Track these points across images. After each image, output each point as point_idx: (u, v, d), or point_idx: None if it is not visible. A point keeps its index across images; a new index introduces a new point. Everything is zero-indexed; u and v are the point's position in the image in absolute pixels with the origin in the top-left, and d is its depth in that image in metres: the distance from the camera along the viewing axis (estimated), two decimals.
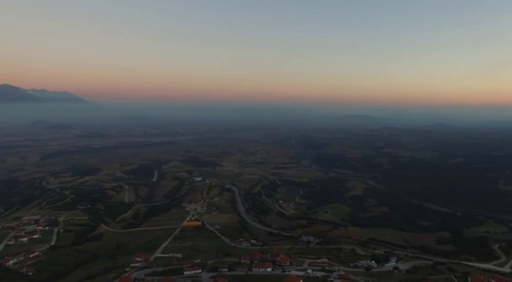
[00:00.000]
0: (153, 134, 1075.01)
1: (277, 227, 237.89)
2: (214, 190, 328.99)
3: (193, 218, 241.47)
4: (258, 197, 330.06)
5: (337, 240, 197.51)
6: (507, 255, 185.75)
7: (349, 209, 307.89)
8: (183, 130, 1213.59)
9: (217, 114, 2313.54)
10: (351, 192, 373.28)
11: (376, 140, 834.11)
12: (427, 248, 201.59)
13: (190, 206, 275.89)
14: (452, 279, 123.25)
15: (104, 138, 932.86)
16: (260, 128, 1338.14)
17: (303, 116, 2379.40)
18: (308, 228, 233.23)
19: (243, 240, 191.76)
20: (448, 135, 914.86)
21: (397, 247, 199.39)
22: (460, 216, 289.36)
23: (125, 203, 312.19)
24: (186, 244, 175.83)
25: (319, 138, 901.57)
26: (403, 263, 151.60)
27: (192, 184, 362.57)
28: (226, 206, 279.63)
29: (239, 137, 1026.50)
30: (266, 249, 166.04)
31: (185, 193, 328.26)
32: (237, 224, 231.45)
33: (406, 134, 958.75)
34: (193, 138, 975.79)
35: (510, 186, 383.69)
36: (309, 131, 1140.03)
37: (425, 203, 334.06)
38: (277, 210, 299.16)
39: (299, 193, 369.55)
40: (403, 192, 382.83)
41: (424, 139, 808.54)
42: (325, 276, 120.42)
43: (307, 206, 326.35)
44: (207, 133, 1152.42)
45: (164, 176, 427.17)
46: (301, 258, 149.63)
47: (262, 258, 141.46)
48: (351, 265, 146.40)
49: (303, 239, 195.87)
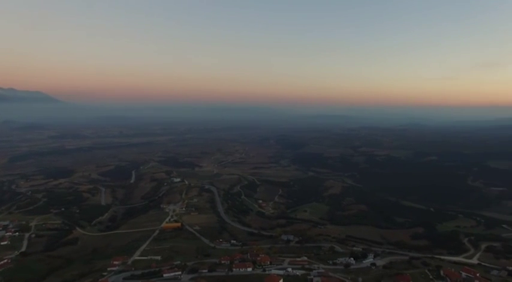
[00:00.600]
0: (130, 134, 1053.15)
1: (256, 226, 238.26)
2: (193, 191, 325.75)
3: (172, 219, 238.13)
4: (238, 197, 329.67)
5: (317, 239, 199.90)
6: (475, 248, 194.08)
7: (327, 208, 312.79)
8: (161, 130, 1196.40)
9: (196, 114, 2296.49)
10: (329, 191, 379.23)
11: (353, 139, 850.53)
12: (403, 243, 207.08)
13: (169, 207, 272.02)
14: (426, 273, 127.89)
15: (78, 139, 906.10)
16: (239, 128, 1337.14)
17: (282, 115, 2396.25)
18: (287, 227, 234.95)
19: (223, 241, 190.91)
20: (422, 134, 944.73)
21: (374, 244, 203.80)
22: (433, 212, 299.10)
23: (102, 205, 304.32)
24: (165, 246, 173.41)
25: (298, 138, 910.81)
26: (380, 259, 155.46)
27: (171, 185, 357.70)
28: (205, 206, 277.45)
29: (218, 137, 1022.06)
30: (246, 249, 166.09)
31: (164, 194, 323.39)
32: (216, 225, 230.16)
33: (383, 133, 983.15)
34: (172, 139, 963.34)
35: (478, 183, 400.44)
36: (288, 131, 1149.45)
37: (400, 200, 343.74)
38: (256, 210, 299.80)
39: (278, 192, 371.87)
40: (380, 190, 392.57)
41: (400, 138, 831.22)
42: (305, 275, 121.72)
43: (286, 205, 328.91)
44: (185, 133, 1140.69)
45: (142, 177, 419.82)
46: (281, 257, 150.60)
47: (243, 258, 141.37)
48: (330, 262, 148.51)
49: (283, 238, 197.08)
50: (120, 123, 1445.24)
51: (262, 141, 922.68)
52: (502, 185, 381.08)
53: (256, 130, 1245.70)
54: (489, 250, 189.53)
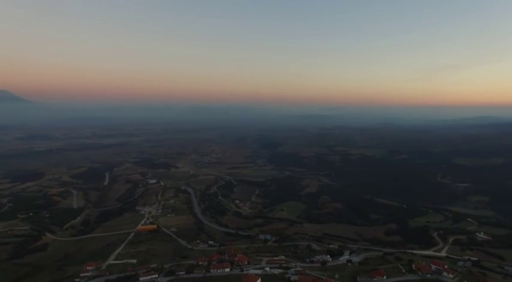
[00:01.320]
0: (103, 135, 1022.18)
1: (234, 226, 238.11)
2: (169, 192, 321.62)
3: (148, 221, 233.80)
4: (215, 198, 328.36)
5: (294, 237, 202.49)
6: (444, 241, 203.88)
7: (304, 206, 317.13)
8: (136, 131, 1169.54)
9: (172, 114, 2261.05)
10: (305, 189, 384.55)
11: (329, 138, 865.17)
12: (377, 239, 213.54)
13: (144, 209, 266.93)
14: (399, 267, 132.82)
15: (48, 140, 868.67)
16: (215, 127, 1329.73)
17: (258, 115, 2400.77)
18: (265, 227, 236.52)
19: (200, 242, 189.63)
20: (394, 133, 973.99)
21: (350, 241, 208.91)
22: (405, 208, 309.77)
23: (74, 209, 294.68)
24: (141, 249, 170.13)
25: (275, 138, 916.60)
26: (356, 256, 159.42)
27: (146, 186, 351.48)
28: (182, 207, 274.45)
29: (194, 137, 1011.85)
30: (224, 249, 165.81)
31: (139, 196, 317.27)
32: (193, 226, 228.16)
33: (357, 132, 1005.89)
34: (147, 139, 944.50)
35: (446, 179, 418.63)
36: (265, 131, 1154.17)
37: (374, 197, 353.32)
38: (233, 210, 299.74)
39: (255, 192, 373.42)
40: (355, 188, 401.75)
41: (373, 137, 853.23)
42: (282, 273, 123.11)
43: (263, 205, 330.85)
44: (161, 134, 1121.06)
45: (116, 179, 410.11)
46: (259, 257, 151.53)
47: (220, 259, 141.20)
48: (307, 261, 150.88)
49: (260, 238, 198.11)
50: (93, 123, 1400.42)
51: (239, 141, 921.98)
52: (468, 181, 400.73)
53: (232, 130, 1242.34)
54: (456, 243, 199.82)
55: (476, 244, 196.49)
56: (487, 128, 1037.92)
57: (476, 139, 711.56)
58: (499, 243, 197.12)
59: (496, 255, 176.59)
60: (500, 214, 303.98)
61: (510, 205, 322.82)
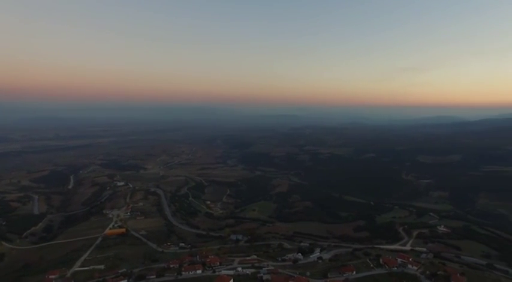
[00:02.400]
0: (67, 136, 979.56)
1: (205, 228, 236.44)
2: (138, 194, 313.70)
3: (116, 225, 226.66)
4: (185, 199, 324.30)
5: (265, 237, 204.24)
6: (408, 236, 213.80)
7: (275, 206, 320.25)
8: (102, 132, 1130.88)
9: (140, 114, 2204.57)
10: (276, 189, 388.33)
11: (298, 138, 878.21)
12: (347, 236, 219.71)
13: (112, 212, 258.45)
14: (368, 262, 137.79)
15: (5, 142, 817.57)
16: (185, 128, 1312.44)
17: (228, 115, 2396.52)
18: (236, 227, 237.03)
19: (171, 244, 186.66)
20: (361, 132, 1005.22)
21: (320, 238, 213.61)
22: (372, 205, 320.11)
23: (34, 214, 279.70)
24: (109, 254, 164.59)
25: (245, 138, 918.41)
26: (326, 253, 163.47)
27: (114, 189, 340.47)
28: (151, 210, 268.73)
29: (163, 138, 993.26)
30: (195, 251, 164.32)
31: (106, 199, 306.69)
32: (164, 228, 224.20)
33: (326, 132, 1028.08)
34: (114, 141, 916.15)
35: (410, 176, 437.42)
36: (235, 131, 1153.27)
37: (343, 195, 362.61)
38: (205, 211, 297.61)
39: (226, 193, 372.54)
40: (324, 187, 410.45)
41: (342, 137, 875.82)
42: (255, 273, 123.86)
43: (234, 205, 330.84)
44: (129, 135, 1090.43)
45: (82, 182, 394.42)
46: (231, 257, 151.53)
47: (192, 261, 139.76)
48: (279, 259, 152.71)
49: (232, 238, 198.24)
50: (55, 124, 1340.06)
51: (209, 141, 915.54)
52: (429, 177, 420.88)
53: (202, 130, 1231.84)
54: (419, 236, 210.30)
55: (437, 237, 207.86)
56: (445, 127, 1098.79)
57: (436, 138, 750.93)
58: (456, 235, 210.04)
59: (454, 246, 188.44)
60: (457, 207, 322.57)
61: (466, 199, 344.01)
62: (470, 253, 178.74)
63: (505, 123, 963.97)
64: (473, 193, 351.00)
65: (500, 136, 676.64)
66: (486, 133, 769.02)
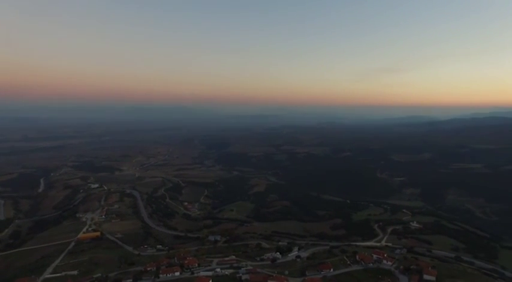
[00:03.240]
0: (36, 138, 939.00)
1: (183, 229, 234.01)
2: (113, 196, 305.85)
3: (90, 228, 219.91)
4: (162, 200, 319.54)
5: (244, 237, 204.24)
6: (383, 232, 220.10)
7: (253, 206, 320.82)
8: (75, 133, 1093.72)
9: (114, 115, 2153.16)
10: (254, 189, 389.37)
11: (276, 138, 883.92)
12: (324, 234, 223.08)
13: (86, 215, 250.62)
14: (345, 259, 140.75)
15: None
16: (161, 129, 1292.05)
17: (205, 116, 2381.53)
18: (214, 228, 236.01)
19: (148, 247, 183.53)
20: (337, 132, 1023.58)
21: (298, 237, 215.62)
22: (349, 203, 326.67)
23: (0, 220, 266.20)
24: (83, 258, 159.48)
25: (222, 138, 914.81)
26: (304, 251, 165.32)
27: (88, 192, 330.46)
28: (127, 212, 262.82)
29: (139, 138, 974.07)
30: (173, 253, 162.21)
31: (80, 202, 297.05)
32: (140, 230, 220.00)
33: (303, 131, 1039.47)
34: (87, 142, 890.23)
35: (384, 174, 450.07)
36: (212, 131, 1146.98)
37: (321, 194, 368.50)
38: (182, 212, 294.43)
39: (204, 193, 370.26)
40: (302, 186, 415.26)
41: (318, 136, 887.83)
42: (233, 273, 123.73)
43: (212, 206, 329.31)
44: (103, 135, 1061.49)
45: (53, 185, 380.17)
46: (209, 258, 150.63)
47: (170, 263, 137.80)
48: (257, 259, 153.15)
49: (210, 239, 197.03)
50: (24, 125, 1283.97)
51: (186, 142, 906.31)
52: (403, 175, 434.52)
53: (179, 131, 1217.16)
54: (394, 233, 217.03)
55: (410, 232, 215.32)
56: (418, 126, 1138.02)
57: (409, 137, 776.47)
58: (428, 230, 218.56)
59: (426, 241, 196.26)
60: (429, 204, 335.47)
61: (436, 195, 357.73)
62: (441, 247, 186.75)
63: (473, 123, 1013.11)
64: (443, 190, 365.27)
65: (468, 135, 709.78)
66: (455, 132, 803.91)
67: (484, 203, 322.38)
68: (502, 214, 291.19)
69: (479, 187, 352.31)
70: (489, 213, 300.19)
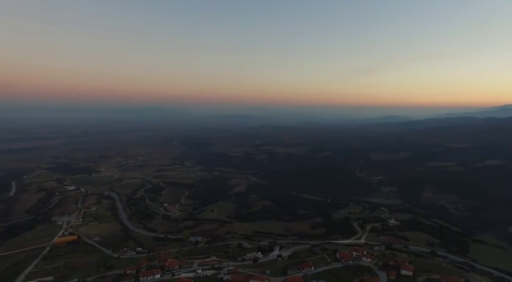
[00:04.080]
0: (8, 139, 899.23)
1: (163, 230, 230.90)
2: (91, 199, 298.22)
3: (66, 232, 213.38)
4: (142, 202, 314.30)
5: (225, 237, 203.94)
6: (363, 230, 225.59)
7: (234, 206, 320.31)
8: (50, 133, 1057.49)
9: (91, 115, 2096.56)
10: (234, 189, 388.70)
11: (256, 138, 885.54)
12: (305, 233, 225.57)
13: (62, 219, 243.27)
14: (325, 257, 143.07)
15: None
16: (140, 129, 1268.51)
17: (184, 116, 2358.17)
18: (195, 229, 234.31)
19: (128, 249, 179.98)
20: (317, 131, 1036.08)
21: (279, 236, 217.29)
22: (329, 202, 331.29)
23: None
24: (58, 263, 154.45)
25: (202, 138, 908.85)
26: (285, 250, 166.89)
27: (64, 194, 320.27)
28: (105, 214, 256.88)
29: (117, 139, 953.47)
30: (153, 255, 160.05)
31: (55, 205, 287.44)
32: (119, 233, 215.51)
33: (282, 131, 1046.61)
34: (63, 143, 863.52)
35: (363, 173, 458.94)
36: (192, 131, 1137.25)
37: (301, 193, 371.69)
38: (162, 213, 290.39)
39: (184, 194, 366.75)
40: (282, 185, 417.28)
41: (298, 136, 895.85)
42: (215, 274, 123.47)
43: (193, 207, 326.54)
44: (80, 136, 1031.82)
45: (26, 188, 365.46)
46: (191, 260, 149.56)
47: (150, 266, 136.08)
48: (239, 259, 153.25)
49: (191, 240, 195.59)
50: None
51: (166, 142, 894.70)
52: (381, 174, 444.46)
53: (159, 131, 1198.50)
54: (372, 230, 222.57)
55: (389, 229, 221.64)
56: (395, 126, 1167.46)
57: (387, 136, 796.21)
58: (405, 227, 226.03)
59: (403, 237, 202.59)
60: (406, 201, 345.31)
61: (413, 193, 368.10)
62: (417, 243, 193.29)
63: (447, 123, 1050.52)
64: (419, 187, 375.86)
65: (442, 134, 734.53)
66: (430, 131, 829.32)
67: (457, 200, 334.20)
68: (473, 210, 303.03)
69: (452, 184, 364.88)
70: (461, 209, 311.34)
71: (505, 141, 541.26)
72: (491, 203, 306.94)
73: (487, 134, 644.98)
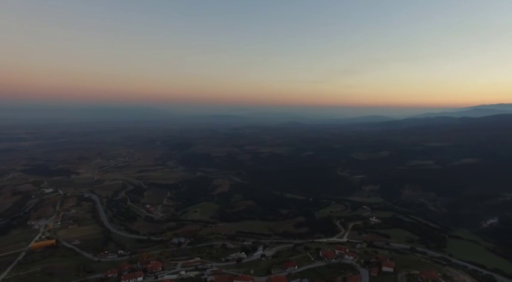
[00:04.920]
0: None
1: (146, 232, 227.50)
2: (70, 201, 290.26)
3: (44, 236, 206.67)
4: (123, 204, 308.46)
5: (208, 238, 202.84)
6: (345, 228, 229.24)
7: (217, 206, 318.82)
8: (26, 134, 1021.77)
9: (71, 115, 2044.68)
10: (218, 189, 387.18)
11: (239, 138, 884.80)
12: (288, 232, 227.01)
13: (39, 223, 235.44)
14: (308, 256, 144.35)
15: None
16: (121, 130, 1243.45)
17: (167, 116, 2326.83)
18: (178, 230, 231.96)
19: (109, 252, 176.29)
20: (300, 131, 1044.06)
21: (263, 236, 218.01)
22: (311, 201, 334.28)
23: None
24: (35, 269, 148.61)
25: (185, 139, 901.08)
26: (269, 250, 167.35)
27: (41, 197, 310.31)
28: (86, 217, 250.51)
29: (98, 140, 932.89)
30: (135, 257, 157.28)
31: (32, 209, 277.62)
32: (100, 236, 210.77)
33: (265, 131, 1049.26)
34: (40, 144, 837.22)
35: (345, 172, 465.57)
36: (174, 132, 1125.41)
37: (284, 193, 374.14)
38: (145, 215, 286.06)
39: (167, 195, 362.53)
40: (265, 185, 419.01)
41: (281, 136, 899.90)
42: (199, 275, 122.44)
43: (175, 208, 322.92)
44: (58, 137, 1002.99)
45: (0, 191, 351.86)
46: (174, 261, 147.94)
47: (132, 268, 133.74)
48: (222, 260, 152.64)
49: (174, 241, 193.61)
50: None
51: (148, 143, 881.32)
52: (362, 173, 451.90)
53: (140, 132, 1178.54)
54: (354, 228, 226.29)
55: (370, 227, 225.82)
56: (376, 126, 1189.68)
57: (368, 136, 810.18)
58: (386, 225, 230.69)
59: (384, 235, 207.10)
60: (387, 199, 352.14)
61: (394, 191, 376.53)
62: (398, 240, 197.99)
63: (425, 122, 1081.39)
64: (400, 185, 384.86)
65: (421, 133, 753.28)
66: (410, 131, 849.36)
67: (435, 197, 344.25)
68: (450, 206, 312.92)
69: (431, 182, 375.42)
70: (439, 206, 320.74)
71: (478, 140, 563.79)
72: (466, 200, 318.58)
73: (462, 133, 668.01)
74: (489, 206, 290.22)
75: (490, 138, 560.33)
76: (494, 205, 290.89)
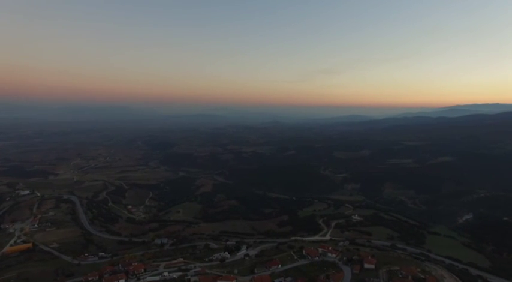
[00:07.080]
0: None
1: (127, 234, 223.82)
2: (48, 203, 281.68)
3: (19, 240, 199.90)
4: (104, 205, 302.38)
5: (191, 238, 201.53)
6: (328, 226, 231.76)
7: (200, 206, 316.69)
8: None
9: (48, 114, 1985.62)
10: (200, 189, 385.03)
11: (221, 137, 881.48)
12: (271, 232, 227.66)
13: (14, 226, 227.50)
14: (292, 255, 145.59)
15: None
16: (100, 129, 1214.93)
17: (148, 116, 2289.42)
18: (161, 231, 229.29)
19: (89, 255, 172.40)
20: (282, 131, 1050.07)
21: (246, 236, 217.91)
22: (294, 200, 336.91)
23: None
24: (9, 275, 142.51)
25: (166, 138, 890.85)
26: (253, 249, 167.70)
27: (16, 199, 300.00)
28: (64, 219, 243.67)
29: (77, 140, 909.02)
30: (117, 259, 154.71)
31: (6, 212, 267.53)
32: (80, 238, 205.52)
33: (248, 131, 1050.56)
34: (15, 144, 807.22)
35: (327, 171, 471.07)
36: (156, 131, 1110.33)
37: (267, 192, 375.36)
38: (126, 216, 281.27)
39: (149, 196, 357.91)
40: (248, 185, 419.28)
41: (263, 135, 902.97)
42: (182, 276, 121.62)
43: (158, 208, 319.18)
44: (34, 137, 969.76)
45: None
46: (157, 262, 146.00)
47: (113, 271, 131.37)
48: (206, 260, 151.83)
49: (157, 242, 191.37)
50: None
51: (129, 143, 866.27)
52: (344, 171, 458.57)
53: (121, 131, 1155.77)
54: (337, 226, 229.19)
55: (352, 225, 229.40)
56: (357, 125, 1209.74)
57: (349, 135, 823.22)
58: (367, 222, 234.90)
59: (366, 232, 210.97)
60: (368, 197, 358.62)
61: (374, 189, 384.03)
62: (379, 237, 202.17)
63: (404, 122, 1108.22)
64: (380, 184, 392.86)
65: (400, 132, 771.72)
66: (390, 130, 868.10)
67: (414, 195, 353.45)
68: (428, 204, 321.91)
69: (410, 180, 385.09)
70: (418, 203, 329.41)
71: (454, 139, 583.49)
72: (443, 197, 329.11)
73: (439, 133, 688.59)
74: (464, 203, 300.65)
75: (464, 137, 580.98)
76: (469, 201, 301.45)
